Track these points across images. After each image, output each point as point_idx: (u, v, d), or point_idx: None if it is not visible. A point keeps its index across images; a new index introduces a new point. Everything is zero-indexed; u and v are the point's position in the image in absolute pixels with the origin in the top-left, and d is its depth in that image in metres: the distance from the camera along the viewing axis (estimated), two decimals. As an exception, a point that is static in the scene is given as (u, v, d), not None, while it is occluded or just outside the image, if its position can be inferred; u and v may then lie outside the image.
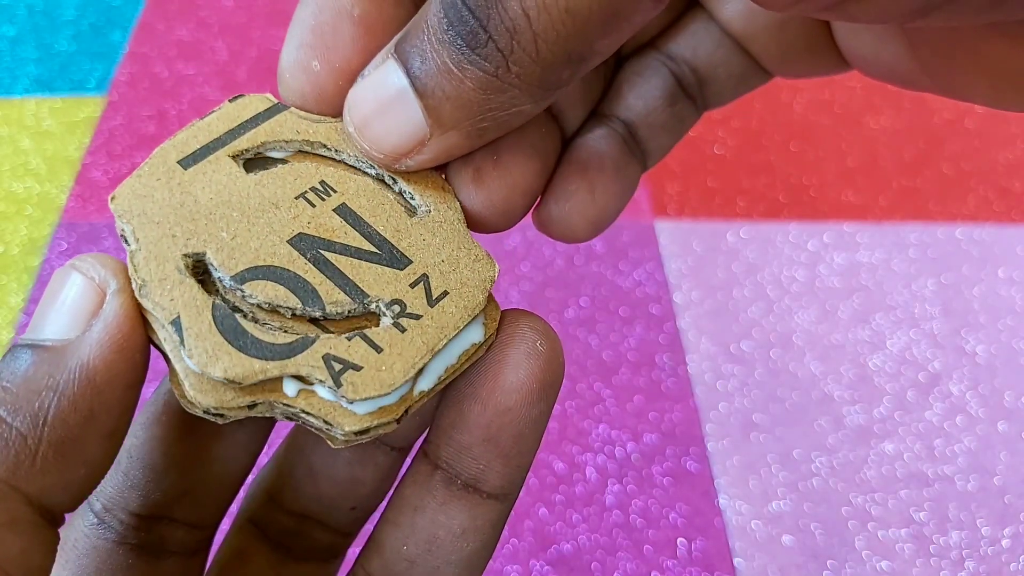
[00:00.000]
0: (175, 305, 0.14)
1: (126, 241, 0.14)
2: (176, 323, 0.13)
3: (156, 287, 0.14)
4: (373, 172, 0.16)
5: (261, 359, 0.13)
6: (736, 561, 0.43)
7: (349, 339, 0.14)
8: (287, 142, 0.15)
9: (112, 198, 0.15)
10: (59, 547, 0.13)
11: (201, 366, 0.13)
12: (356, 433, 0.14)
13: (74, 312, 0.13)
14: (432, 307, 0.14)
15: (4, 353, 0.16)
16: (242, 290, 0.14)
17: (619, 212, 0.17)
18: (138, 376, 0.13)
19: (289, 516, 0.17)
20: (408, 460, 0.17)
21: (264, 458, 0.19)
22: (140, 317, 0.13)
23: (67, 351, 0.12)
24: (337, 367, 0.14)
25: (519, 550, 0.43)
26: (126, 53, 0.70)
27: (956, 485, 0.46)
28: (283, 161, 0.16)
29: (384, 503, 0.17)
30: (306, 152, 0.16)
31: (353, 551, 0.17)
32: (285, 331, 0.14)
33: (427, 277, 0.15)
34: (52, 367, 0.12)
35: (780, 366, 0.51)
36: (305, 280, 0.14)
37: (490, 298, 0.15)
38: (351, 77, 0.15)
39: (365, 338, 0.14)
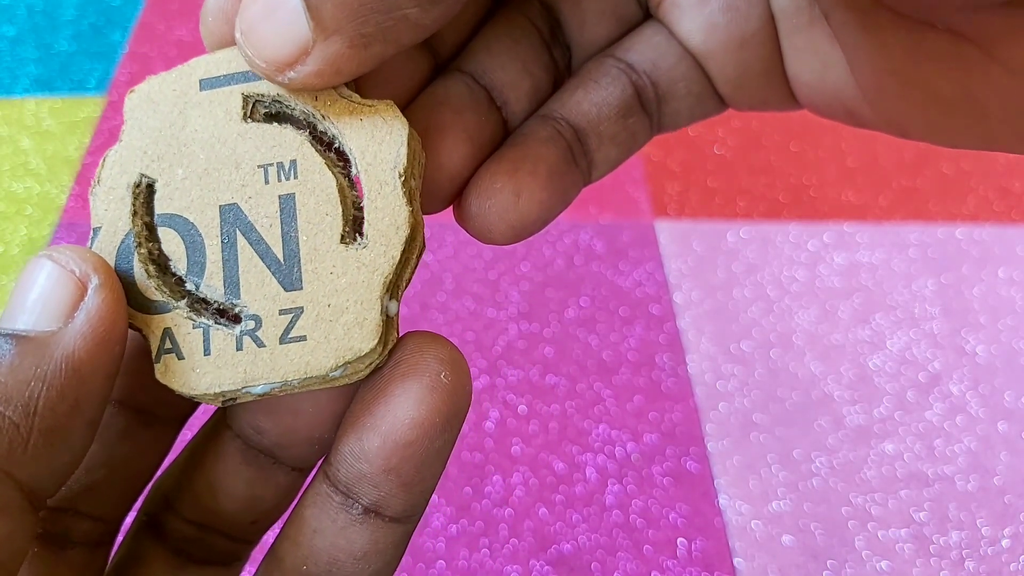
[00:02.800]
0: (104, 217, 0.15)
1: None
2: (95, 231, 0.14)
3: (103, 192, 0.15)
4: (349, 174, 0.15)
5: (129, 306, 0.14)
6: (736, 561, 0.43)
7: (194, 327, 0.14)
8: (301, 106, 0.15)
9: (131, 92, 0.15)
10: None
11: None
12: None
13: (53, 303, 0.13)
14: (280, 344, 0.14)
15: None
16: (156, 232, 0.15)
17: (546, 222, 0.15)
18: (116, 366, 0.13)
19: (187, 524, 0.17)
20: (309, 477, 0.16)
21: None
22: (122, 310, 0.14)
23: (51, 342, 0.13)
24: (167, 344, 0.14)
25: (519, 550, 0.43)
26: (126, 53, 0.70)
27: (956, 485, 0.46)
28: (287, 121, 0.15)
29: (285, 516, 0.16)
30: (311, 123, 0.15)
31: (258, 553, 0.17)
32: (159, 288, 0.14)
33: (301, 312, 0.14)
34: (38, 358, 0.12)
35: (780, 366, 0.51)
36: (204, 252, 0.14)
37: (388, 322, 0.14)
38: None
39: (206, 335, 0.14)
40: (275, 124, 0.15)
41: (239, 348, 0.14)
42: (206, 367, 0.14)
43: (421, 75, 0.16)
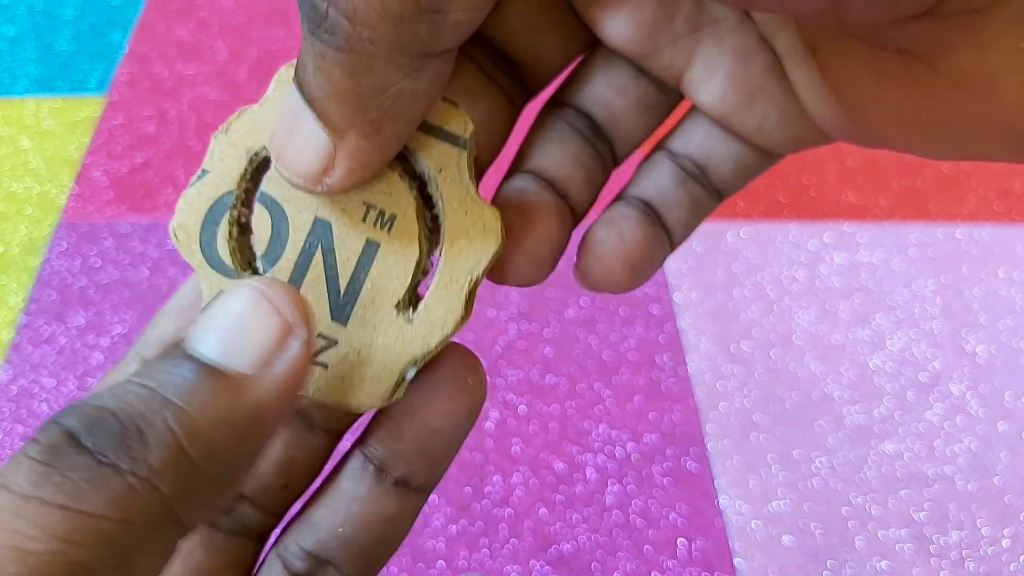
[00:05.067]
0: (216, 166, 0.15)
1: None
2: (203, 172, 0.15)
3: (226, 143, 0.15)
4: (431, 250, 0.16)
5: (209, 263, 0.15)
6: (736, 561, 0.43)
7: None
8: (426, 164, 0.15)
9: (289, 65, 0.15)
10: None
11: (176, 222, 0.15)
12: None
13: (251, 340, 0.13)
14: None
15: (155, 342, 0.17)
16: (251, 206, 0.15)
17: (651, 261, 0.18)
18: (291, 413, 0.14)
19: None
20: (340, 446, 0.18)
21: None
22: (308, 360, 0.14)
23: (246, 387, 0.12)
24: None
25: (519, 550, 0.43)
26: (126, 53, 0.70)
27: (956, 485, 0.46)
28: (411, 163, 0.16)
29: (315, 485, 0.18)
30: (427, 180, 0.15)
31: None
32: (232, 253, 0.15)
33: (335, 345, 0.15)
34: (231, 401, 0.12)
35: (780, 366, 0.51)
36: (284, 247, 0.15)
37: (401, 383, 0.16)
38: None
39: None
40: (398, 172, 0.15)
41: None
42: None
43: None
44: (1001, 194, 0.62)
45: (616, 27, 0.17)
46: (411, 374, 0.15)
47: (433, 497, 0.46)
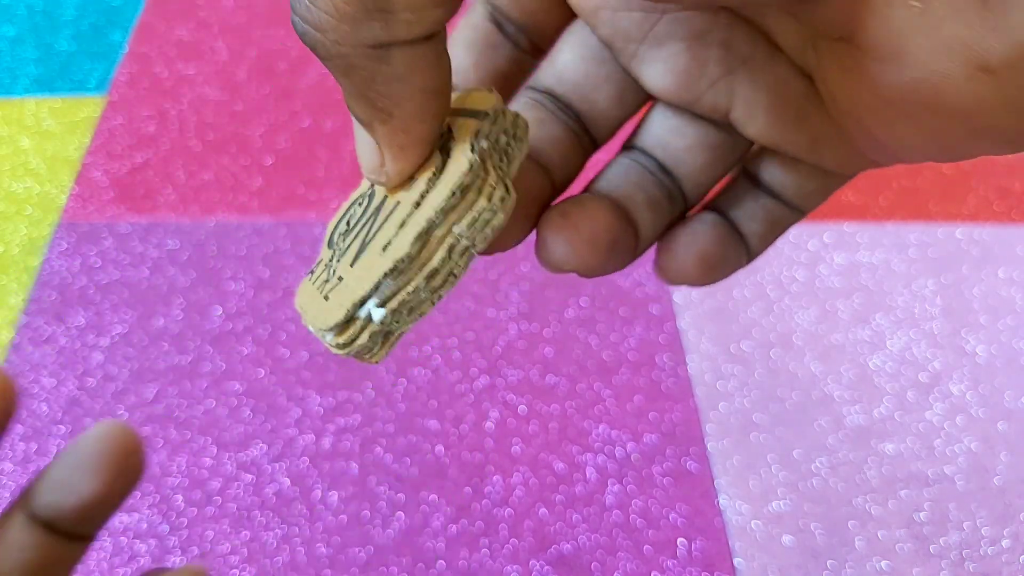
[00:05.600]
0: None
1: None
2: None
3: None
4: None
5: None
6: (736, 561, 0.43)
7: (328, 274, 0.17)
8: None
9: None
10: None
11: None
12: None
13: None
14: (321, 296, 0.17)
15: None
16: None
17: (729, 266, 0.19)
18: None
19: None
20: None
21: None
22: None
23: None
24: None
25: (519, 550, 0.43)
26: (126, 53, 0.70)
27: (956, 485, 0.46)
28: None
29: None
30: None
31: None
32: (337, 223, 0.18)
33: (340, 282, 0.17)
34: None
35: (780, 366, 0.51)
36: (374, 222, 0.17)
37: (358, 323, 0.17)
38: None
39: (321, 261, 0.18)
40: (439, 150, 0.17)
41: (312, 281, 0.17)
42: (305, 284, 0.18)
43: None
44: (1001, 194, 0.62)
45: (654, 77, 0.18)
46: (377, 314, 0.16)
47: (433, 497, 0.46)
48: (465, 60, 0.19)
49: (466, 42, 0.19)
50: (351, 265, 0.17)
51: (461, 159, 0.16)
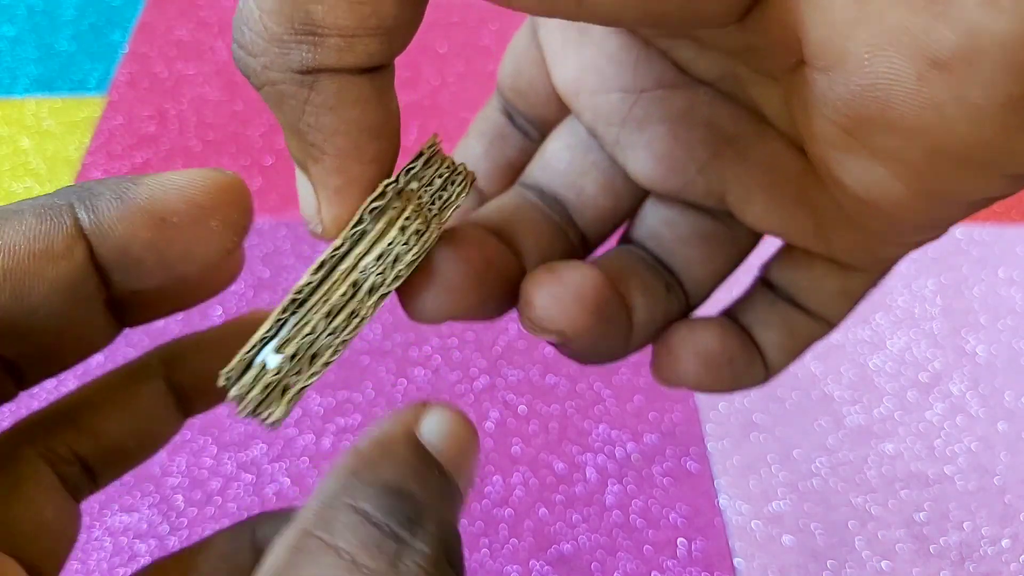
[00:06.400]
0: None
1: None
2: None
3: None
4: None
5: None
6: (736, 561, 0.43)
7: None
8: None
9: None
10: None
11: None
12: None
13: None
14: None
15: None
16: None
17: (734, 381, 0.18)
18: None
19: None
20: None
21: None
22: None
23: None
24: None
25: (519, 550, 0.43)
26: (126, 53, 0.70)
27: (956, 485, 0.46)
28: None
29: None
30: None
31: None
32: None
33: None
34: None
35: (780, 366, 0.51)
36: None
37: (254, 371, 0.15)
38: None
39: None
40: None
41: None
42: None
43: None
44: (1001, 194, 0.62)
45: (638, 164, 0.17)
46: (268, 361, 0.14)
47: (433, 497, 0.46)
48: (477, 148, 0.19)
49: (479, 132, 0.19)
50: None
51: (378, 188, 0.14)
